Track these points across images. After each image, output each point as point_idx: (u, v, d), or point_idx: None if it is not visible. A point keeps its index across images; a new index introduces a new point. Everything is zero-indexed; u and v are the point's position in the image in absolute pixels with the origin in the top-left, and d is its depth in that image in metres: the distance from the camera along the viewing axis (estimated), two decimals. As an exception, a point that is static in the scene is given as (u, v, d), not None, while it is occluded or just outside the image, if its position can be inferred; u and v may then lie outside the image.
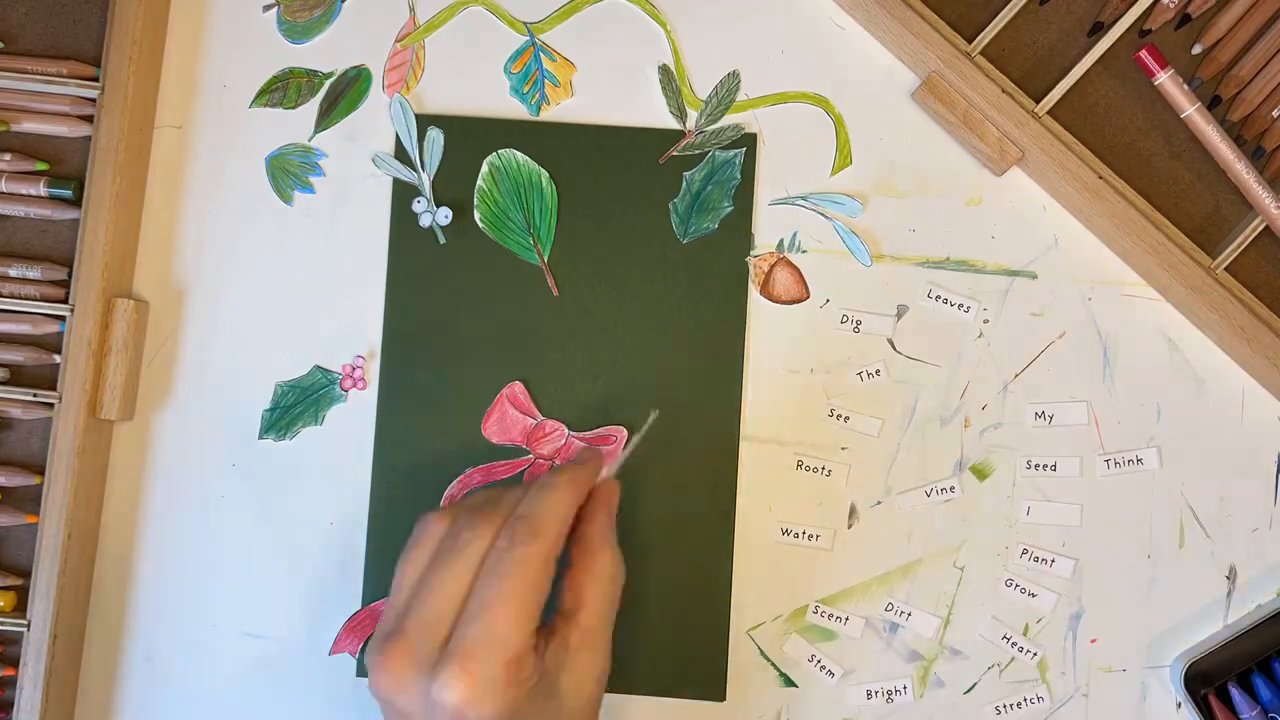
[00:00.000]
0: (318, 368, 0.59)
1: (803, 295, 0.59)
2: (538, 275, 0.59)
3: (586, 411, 0.59)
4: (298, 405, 0.59)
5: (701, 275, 0.59)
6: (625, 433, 0.58)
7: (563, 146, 0.59)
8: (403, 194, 0.60)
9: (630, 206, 0.59)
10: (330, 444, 0.59)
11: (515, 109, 0.60)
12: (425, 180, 0.59)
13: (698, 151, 0.58)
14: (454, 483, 0.58)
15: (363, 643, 0.58)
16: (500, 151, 0.59)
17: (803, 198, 0.59)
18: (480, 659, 0.42)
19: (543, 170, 0.59)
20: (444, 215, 0.58)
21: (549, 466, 0.58)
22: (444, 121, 0.60)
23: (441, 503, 0.58)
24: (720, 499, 0.58)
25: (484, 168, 0.59)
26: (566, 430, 0.58)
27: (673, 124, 0.59)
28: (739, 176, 0.59)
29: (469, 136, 0.59)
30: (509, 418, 0.58)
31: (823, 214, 0.59)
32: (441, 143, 0.59)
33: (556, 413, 0.59)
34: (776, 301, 0.59)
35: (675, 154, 0.58)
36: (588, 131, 0.59)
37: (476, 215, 0.59)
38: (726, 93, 0.59)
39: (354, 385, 0.59)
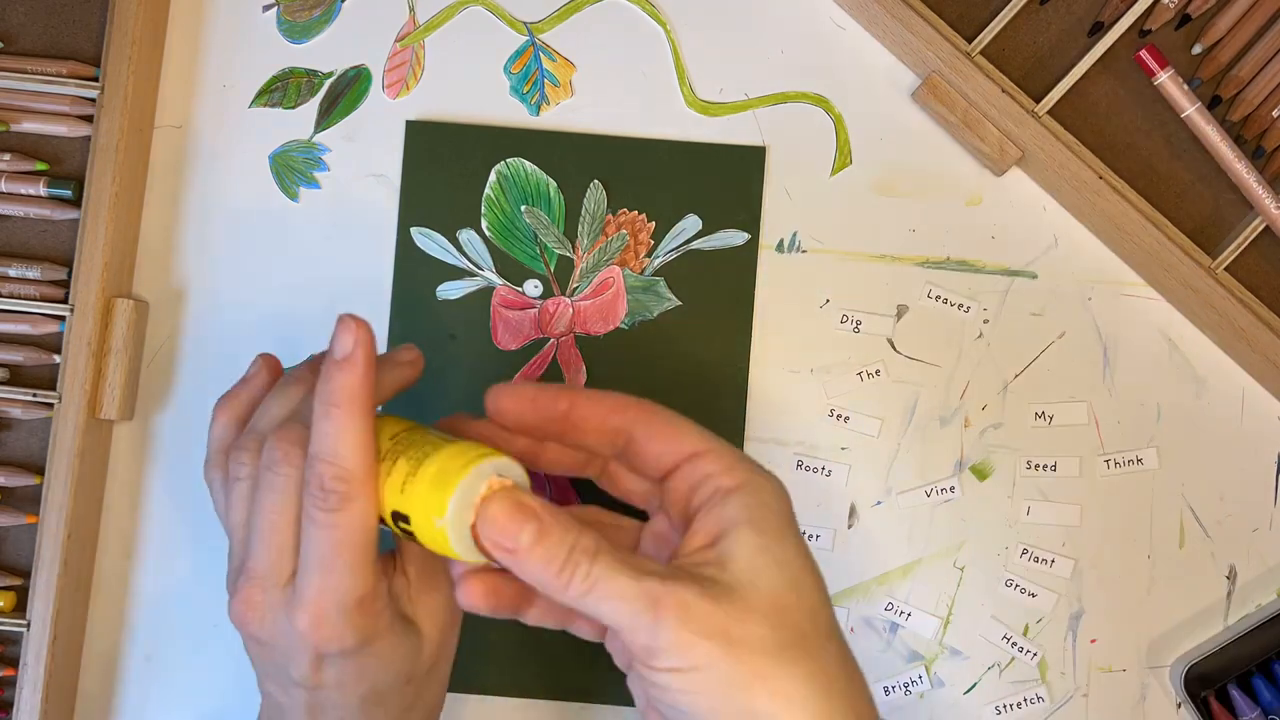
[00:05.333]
0: None
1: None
2: (544, 284, 0.59)
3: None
4: None
5: (707, 275, 0.59)
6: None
7: (568, 154, 0.59)
8: (409, 200, 0.60)
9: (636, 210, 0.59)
10: (330, 444, 0.59)
11: (515, 109, 0.60)
12: (494, 278, 0.59)
13: (590, 278, 0.58)
14: None
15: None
16: (509, 160, 0.59)
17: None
18: (326, 605, 0.41)
19: (551, 180, 0.59)
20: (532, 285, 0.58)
21: (573, 341, 0.58)
22: (449, 129, 0.60)
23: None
24: None
25: (492, 176, 0.59)
26: (569, 300, 0.58)
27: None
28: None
29: (476, 144, 0.59)
30: (511, 321, 0.59)
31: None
32: (481, 241, 0.59)
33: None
34: None
35: (575, 285, 0.58)
36: (592, 140, 0.59)
37: (484, 224, 0.59)
38: (596, 205, 0.59)
39: None
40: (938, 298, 0.59)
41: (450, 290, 0.59)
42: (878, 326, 0.59)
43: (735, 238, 0.59)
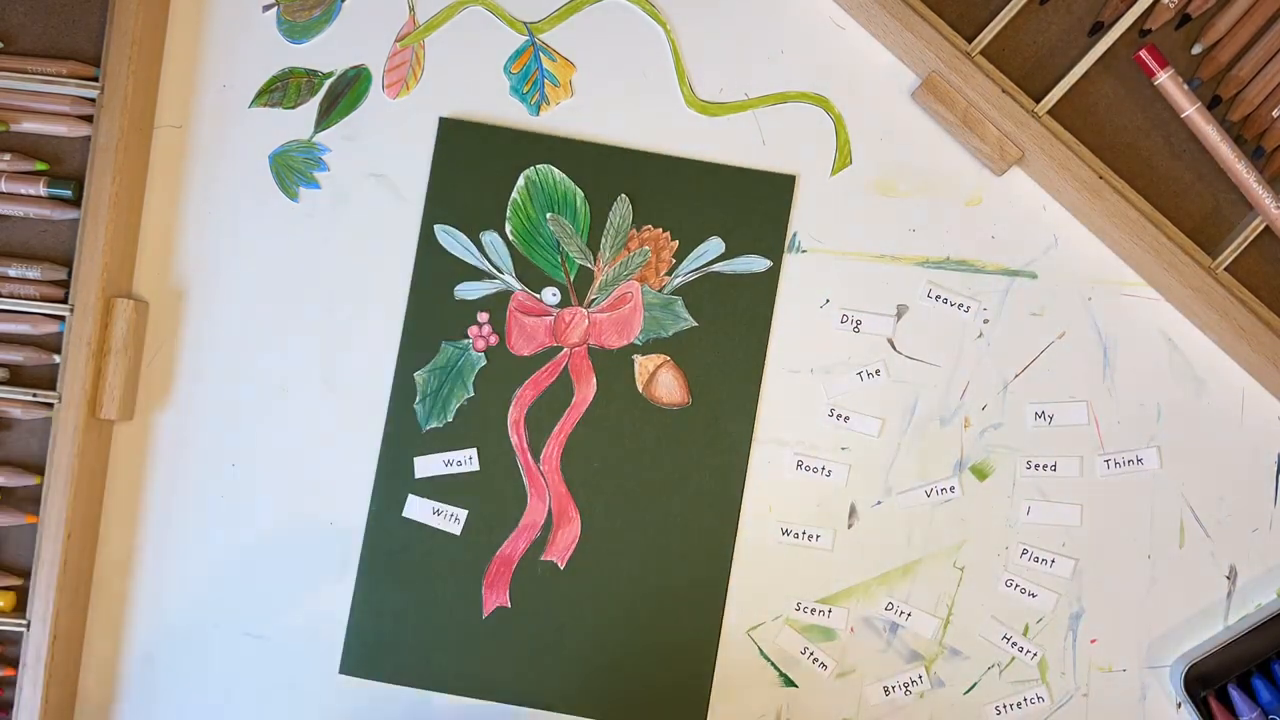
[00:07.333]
0: (446, 342, 0.59)
1: (684, 400, 0.59)
2: (563, 292, 0.59)
3: (598, 412, 0.59)
4: (444, 385, 0.59)
5: (726, 299, 0.59)
6: None
7: (598, 166, 0.59)
8: (435, 197, 0.60)
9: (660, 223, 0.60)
10: (330, 445, 0.59)
11: (515, 109, 0.60)
12: (513, 282, 0.59)
13: (612, 287, 0.58)
14: (512, 407, 0.58)
15: (508, 590, 0.59)
16: (538, 166, 0.59)
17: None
18: None
19: (579, 189, 0.59)
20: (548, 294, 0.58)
21: (586, 352, 0.58)
22: (482, 130, 0.59)
23: (510, 421, 0.59)
24: (723, 510, 0.58)
25: (520, 180, 0.59)
26: (586, 311, 0.58)
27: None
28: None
29: (506, 147, 0.59)
30: (526, 326, 0.59)
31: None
32: (504, 244, 0.59)
33: (577, 428, 0.59)
34: (657, 403, 0.59)
35: (593, 296, 0.58)
36: (623, 154, 0.59)
37: (508, 228, 0.59)
38: (621, 219, 0.59)
39: (486, 343, 0.59)
40: (938, 298, 0.59)
41: (468, 290, 0.59)
42: (878, 326, 0.59)
43: (757, 264, 0.59)
